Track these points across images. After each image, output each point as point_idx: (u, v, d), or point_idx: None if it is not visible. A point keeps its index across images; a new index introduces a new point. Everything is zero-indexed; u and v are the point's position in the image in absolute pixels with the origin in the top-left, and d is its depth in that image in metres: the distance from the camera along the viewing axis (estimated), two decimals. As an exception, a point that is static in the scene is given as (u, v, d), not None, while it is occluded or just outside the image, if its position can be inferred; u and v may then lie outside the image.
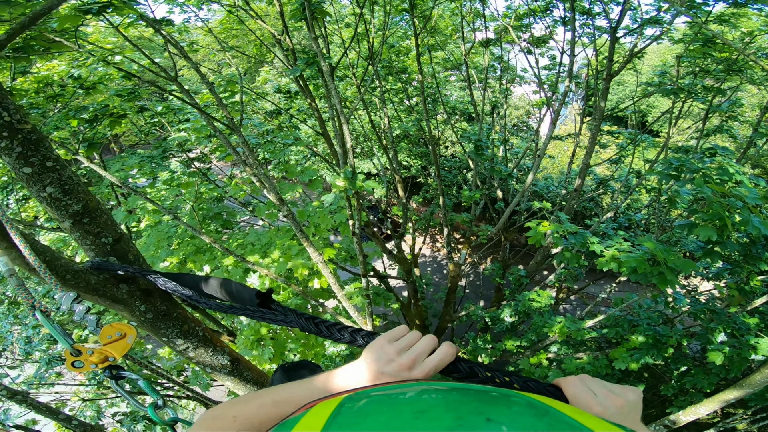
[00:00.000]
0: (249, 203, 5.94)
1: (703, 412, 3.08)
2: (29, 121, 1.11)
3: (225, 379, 1.65)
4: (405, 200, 6.49)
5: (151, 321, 1.36)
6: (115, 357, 0.98)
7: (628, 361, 4.03)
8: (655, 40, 4.80)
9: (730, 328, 3.76)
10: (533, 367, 4.90)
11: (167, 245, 4.28)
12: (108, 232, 1.26)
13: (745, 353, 3.30)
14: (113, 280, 1.24)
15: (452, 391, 0.53)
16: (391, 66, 6.40)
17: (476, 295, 11.55)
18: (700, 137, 5.33)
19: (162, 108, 4.15)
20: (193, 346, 1.49)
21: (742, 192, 2.83)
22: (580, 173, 5.71)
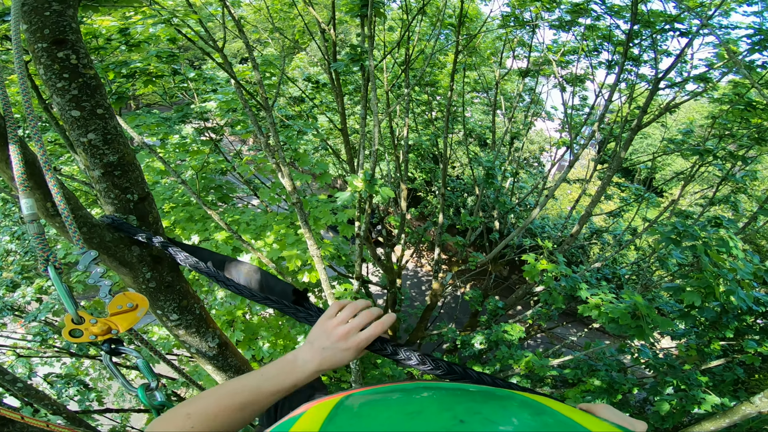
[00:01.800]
0: (250, 182, 5.85)
1: None
2: (94, 67, 1.06)
3: (207, 363, 1.58)
4: (404, 212, 6.45)
5: (152, 290, 1.29)
6: (119, 329, 0.91)
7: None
8: (695, 96, 4.64)
9: (682, 383, 3.91)
10: None
11: (160, 207, 4.18)
12: (135, 189, 1.19)
13: (688, 406, 3.48)
14: (127, 241, 1.17)
15: (448, 391, 0.53)
16: (422, 77, 6.40)
17: (450, 317, 11.57)
18: (707, 205, 5.33)
19: (194, 75, 4.10)
20: (186, 323, 1.42)
21: (738, 265, 2.90)
22: (581, 220, 5.70)
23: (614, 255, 6.95)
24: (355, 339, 0.81)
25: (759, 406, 2.24)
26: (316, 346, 0.82)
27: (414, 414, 0.45)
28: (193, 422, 0.70)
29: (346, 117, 4.78)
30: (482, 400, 0.49)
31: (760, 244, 9.33)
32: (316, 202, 4.51)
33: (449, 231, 13.87)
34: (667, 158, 14.87)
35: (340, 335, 0.82)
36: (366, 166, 3.93)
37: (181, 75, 3.81)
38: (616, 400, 4.02)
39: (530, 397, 0.52)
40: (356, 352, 0.81)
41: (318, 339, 0.83)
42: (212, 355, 1.56)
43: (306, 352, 0.82)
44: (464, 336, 5.53)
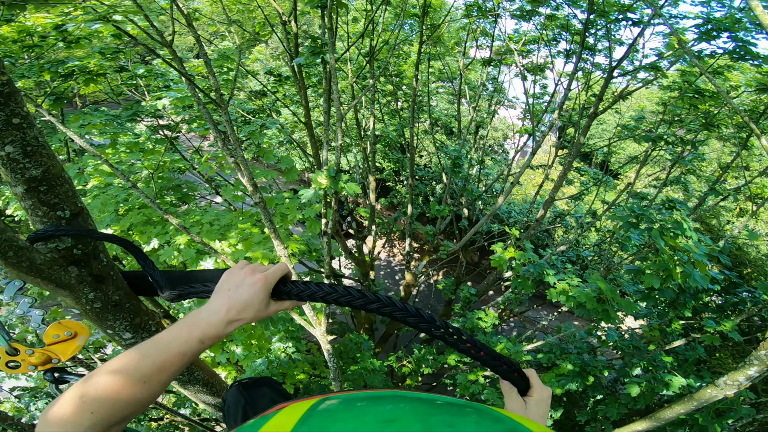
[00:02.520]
0: (212, 180, 5.64)
1: None
2: (6, 72, 0.94)
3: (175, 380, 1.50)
4: (374, 203, 6.41)
5: (98, 311, 1.19)
6: (60, 359, 0.84)
7: (555, 386, 4.21)
8: (646, 84, 4.88)
9: (649, 365, 4.07)
10: (470, 383, 5.00)
11: (114, 210, 3.96)
12: (66, 205, 1.07)
13: (657, 388, 3.59)
14: (62, 262, 1.07)
15: (423, 402, 0.53)
16: (386, 68, 6.33)
17: (425, 306, 11.68)
18: (660, 187, 5.59)
19: (144, 71, 3.85)
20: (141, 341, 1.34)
21: (692, 248, 3.03)
22: (545, 205, 5.84)
23: (577, 238, 7.17)
24: (262, 272, 0.76)
25: (724, 389, 2.33)
26: (223, 289, 0.76)
27: (388, 422, 0.45)
28: (90, 406, 0.61)
29: (310, 110, 4.67)
30: (458, 413, 0.49)
31: (710, 223, 9.84)
32: (283, 199, 4.40)
33: (419, 220, 13.96)
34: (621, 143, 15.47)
35: (246, 271, 0.77)
36: (331, 160, 3.87)
37: (129, 72, 3.60)
38: (589, 383, 4.14)
39: (503, 413, 0.52)
40: (265, 287, 0.74)
41: (224, 283, 0.77)
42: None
43: (212, 301, 0.75)
44: (440, 325, 5.60)
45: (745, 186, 4.79)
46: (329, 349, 3.18)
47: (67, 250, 1.07)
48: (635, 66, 4.72)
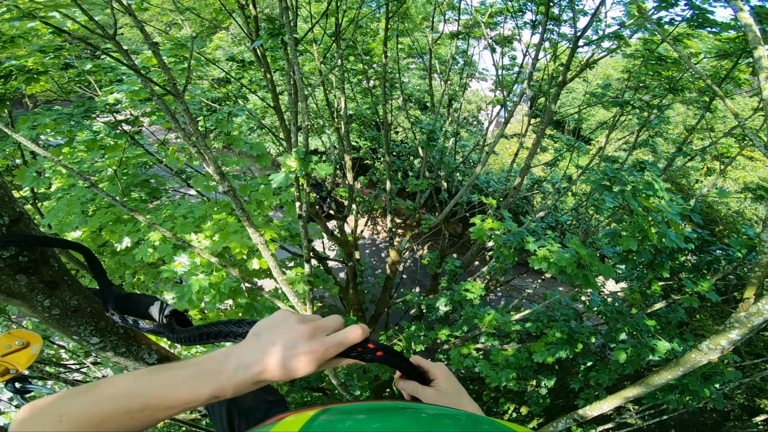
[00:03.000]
0: (182, 171, 5.48)
1: (606, 408, 3.36)
2: None
3: None
4: (352, 183, 6.35)
5: (57, 318, 1.13)
6: (18, 369, 0.79)
7: (546, 354, 4.31)
8: (610, 53, 4.98)
9: (633, 329, 4.17)
10: (462, 357, 5.09)
11: (81, 211, 3.80)
12: (4, 211, 1.00)
13: (644, 353, 3.67)
14: (9, 271, 1.00)
15: (430, 415, 0.52)
16: (354, 46, 6.18)
17: (413, 281, 11.78)
18: (630, 150, 5.72)
19: (91, 66, 3.64)
20: (111, 345, 1.28)
21: (665, 208, 3.09)
22: (521, 172, 5.92)
23: (555, 203, 7.30)
24: (323, 340, 0.60)
25: (707, 354, 2.36)
26: (264, 339, 0.60)
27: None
28: (67, 426, 0.53)
29: (278, 94, 4.53)
30: (460, 425, 0.48)
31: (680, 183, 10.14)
32: (257, 185, 4.31)
33: (400, 195, 13.94)
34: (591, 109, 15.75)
35: (304, 331, 0.60)
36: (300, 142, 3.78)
37: (76, 68, 3.40)
38: (578, 350, 4.24)
39: (508, 426, 0.50)
40: (320, 359, 0.59)
41: (269, 331, 0.61)
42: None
43: (247, 349, 0.59)
44: (428, 300, 5.64)
45: (711, 146, 4.92)
46: (316, 333, 3.15)
47: (12, 258, 1.00)
48: (599, 35, 4.82)
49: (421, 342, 5.48)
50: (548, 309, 5.36)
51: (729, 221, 9.52)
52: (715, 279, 3.92)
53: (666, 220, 2.93)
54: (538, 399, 5.64)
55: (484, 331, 4.89)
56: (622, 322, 4.32)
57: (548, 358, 4.34)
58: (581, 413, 3.67)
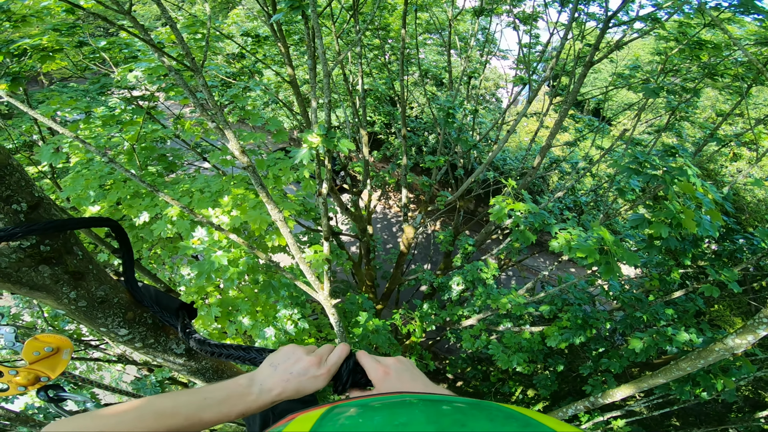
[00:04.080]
0: (198, 145, 5.42)
1: (619, 396, 3.31)
2: None
3: (179, 368, 1.44)
4: (367, 157, 6.26)
5: (84, 310, 1.09)
6: (49, 376, 0.75)
7: (559, 339, 4.25)
8: (643, 34, 4.75)
9: (650, 317, 4.07)
10: (473, 338, 5.08)
11: (99, 186, 3.80)
12: (21, 196, 0.95)
13: (661, 343, 3.58)
14: (30, 262, 0.95)
15: (437, 404, 0.53)
16: (371, 21, 5.98)
17: (425, 258, 11.77)
18: (658, 132, 5.51)
19: (106, 43, 3.60)
20: (140, 336, 1.25)
21: (706, 194, 2.95)
22: (541, 151, 5.77)
23: (573, 184, 7.15)
24: (327, 364, 0.77)
25: (732, 347, 2.30)
26: (281, 370, 0.74)
27: (400, 426, 0.45)
28: None
29: (294, 68, 4.41)
30: (470, 413, 0.49)
31: (708, 168, 9.84)
32: (275, 160, 4.26)
33: (413, 170, 13.82)
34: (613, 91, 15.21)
35: (312, 361, 0.76)
36: (321, 117, 3.67)
37: (90, 46, 3.34)
38: (591, 335, 4.16)
39: (515, 409, 0.51)
40: (327, 378, 0.76)
41: (284, 362, 0.76)
42: (182, 362, 1.42)
43: (266, 376, 0.74)
44: (441, 279, 5.60)
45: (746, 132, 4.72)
46: (334, 312, 3.14)
47: (33, 248, 0.96)
48: (631, 16, 4.58)
49: (433, 321, 5.48)
50: (562, 292, 5.28)
51: (756, 210, 9.24)
52: (738, 269, 3.80)
53: (701, 207, 2.76)
54: (546, 383, 5.65)
55: (498, 312, 4.84)
56: (641, 309, 4.22)
57: (561, 343, 4.28)
58: (592, 400, 3.64)
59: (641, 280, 5.00)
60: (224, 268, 3.05)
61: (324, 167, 2.72)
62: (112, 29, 7.69)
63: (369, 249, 7.09)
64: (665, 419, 7.44)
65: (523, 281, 10.68)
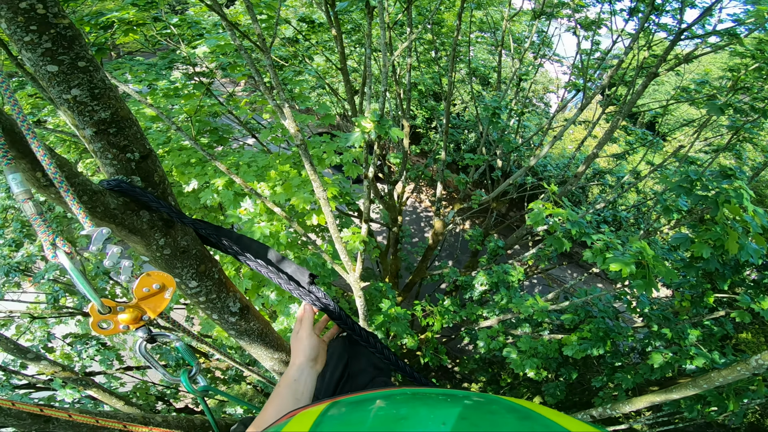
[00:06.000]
0: (247, 123, 5.61)
1: (628, 410, 3.27)
2: (67, 16, 0.90)
3: (229, 328, 1.55)
4: (407, 149, 6.31)
5: (167, 258, 1.21)
6: (150, 315, 0.84)
7: (576, 349, 4.21)
8: (717, 49, 4.53)
9: (675, 336, 3.97)
10: (490, 339, 5.06)
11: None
12: (136, 147, 1.06)
13: (681, 361, 3.52)
14: (134, 206, 1.06)
15: (437, 398, 0.54)
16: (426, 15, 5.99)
17: (451, 255, 11.75)
18: (718, 152, 5.31)
19: (177, 20, 3.81)
20: (206, 290, 1.36)
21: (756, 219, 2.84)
22: (587, 160, 5.66)
23: (616, 197, 6.96)
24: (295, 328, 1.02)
25: (754, 368, 2.26)
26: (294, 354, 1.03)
27: (401, 419, 0.46)
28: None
29: (345, 56, 4.50)
30: (470, 405, 0.49)
31: (763, 194, 9.39)
32: (319, 142, 4.38)
33: (449, 167, 13.74)
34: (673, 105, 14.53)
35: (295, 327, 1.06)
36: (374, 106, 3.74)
37: (163, 21, 3.54)
38: (608, 348, 4.11)
39: (516, 402, 0.52)
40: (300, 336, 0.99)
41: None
42: (234, 320, 1.53)
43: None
44: (465, 277, 5.61)
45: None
46: (361, 295, 3.23)
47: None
48: (706, 30, 4.39)
49: (452, 318, 5.48)
50: (587, 304, 5.19)
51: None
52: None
53: (748, 232, 2.69)
54: (555, 391, 5.58)
55: (518, 316, 4.81)
56: (666, 327, 4.13)
57: (578, 353, 4.24)
58: (600, 411, 3.58)
59: (671, 301, 4.86)
60: (266, 239, 3.18)
61: (373, 153, 2.79)
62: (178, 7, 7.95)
63: (397, 239, 7.15)
64: None
65: (548, 290, 10.51)
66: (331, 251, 4.28)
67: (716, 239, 2.69)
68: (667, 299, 5.40)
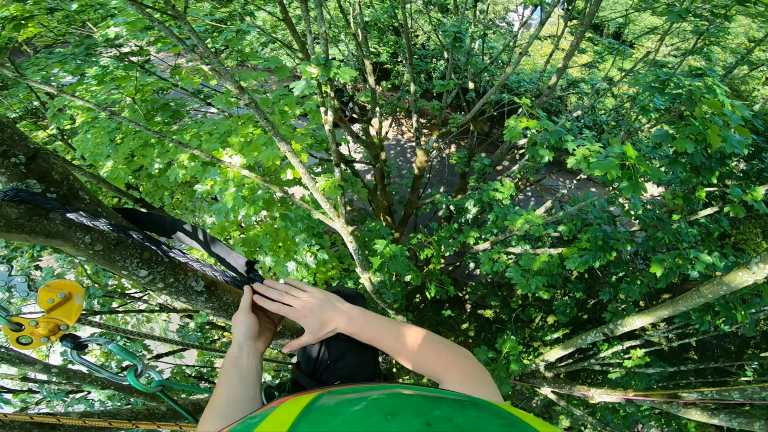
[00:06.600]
0: (200, 92, 5.36)
1: (638, 324, 3.34)
2: None
3: (203, 306, 1.52)
4: (374, 86, 6.08)
5: (102, 254, 1.14)
6: (68, 324, 0.81)
7: (578, 261, 4.15)
8: None
9: (673, 238, 3.95)
10: (492, 262, 5.10)
11: (109, 140, 3.88)
12: (17, 149, 0.97)
13: (683, 267, 3.47)
14: (40, 210, 0.99)
15: (423, 397, 0.54)
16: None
17: (440, 181, 11.78)
18: (686, 54, 5.13)
19: (77, 6, 3.52)
20: (160, 276, 1.31)
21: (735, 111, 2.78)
22: (557, 72, 5.53)
23: (593, 104, 6.88)
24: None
25: (755, 273, 2.17)
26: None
27: (388, 416, 0.46)
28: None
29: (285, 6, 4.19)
30: (459, 408, 0.49)
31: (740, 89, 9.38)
32: (279, 96, 4.20)
33: (424, 96, 13.47)
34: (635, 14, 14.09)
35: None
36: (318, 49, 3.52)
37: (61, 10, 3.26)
38: (611, 258, 4.05)
39: (504, 408, 0.52)
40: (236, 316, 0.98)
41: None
42: (204, 299, 1.50)
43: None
44: (457, 201, 5.56)
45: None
46: (352, 240, 3.21)
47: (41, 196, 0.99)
48: None
49: (450, 245, 5.50)
50: (581, 212, 5.18)
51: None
52: (764, 188, 3.65)
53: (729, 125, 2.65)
54: (565, 309, 5.67)
55: (515, 233, 4.81)
56: (663, 230, 4.11)
57: (580, 267, 4.15)
58: (611, 328, 3.67)
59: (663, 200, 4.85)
60: (240, 203, 3.14)
61: (328, 97, 2.66)
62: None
63: (383, 175, 7.08)
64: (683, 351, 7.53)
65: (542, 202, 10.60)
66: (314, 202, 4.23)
67: (697, 133, 2.65)
68: (660, 197, 5.41)
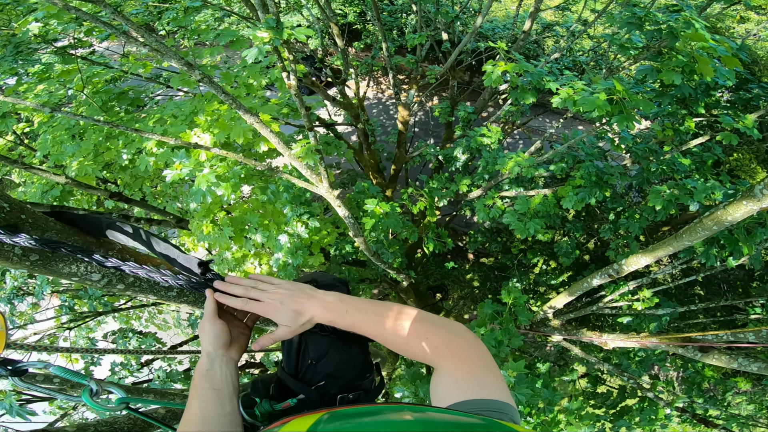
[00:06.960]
0: (158, 76, 5.10)
1: (643, 263, 3.28)
2: None
3: (176, 302, 1.40)
4: (343, 47, 5.79)
5: (41, 263, 1.03)
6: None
7: (574, 199, 4.07)
8: None
9: (667, 169, 3.89)
10: (488, 208, 5.00)
11: (71, 137, 3.70)
12: None
13: (682, 198, 3.40)
14: (-47, 228, 0.87)
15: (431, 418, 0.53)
16: None
17: (426, 133, 11.66)
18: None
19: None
20: (116, 278, 1.21)
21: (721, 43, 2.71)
22: (530, 15, 5.34)
23: (570, 45, 6.76)
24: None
25: (761, 201, 2.04)
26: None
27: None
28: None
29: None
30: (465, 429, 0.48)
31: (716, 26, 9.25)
32: (242, 69, 4.00)
33: (399, 53, 13.06)
34: None
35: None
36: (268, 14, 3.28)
37: None
38: (607, 193, 3.96)
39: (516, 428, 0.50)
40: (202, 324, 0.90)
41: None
42: (175, 294, 1.39)
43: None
44: (445, 151, 5.42)
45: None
46: (340, 204, 3.11)
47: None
48: None
49: (443, 196, 5.37)
50: (571, 149, 5.05)
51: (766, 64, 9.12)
52: (756, 115, 3.53)
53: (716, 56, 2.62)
54: (567, 249, 5.61)
55: (507, 177, 4.68)
56: (656, 161, 3.99)
57: (577, 205, 4.07)
58: (616, 268, 3.61)
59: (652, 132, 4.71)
60: (215, 184, 3.00)
61: (287, 60, 2.48)
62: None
63: (367, 134, 6.92)
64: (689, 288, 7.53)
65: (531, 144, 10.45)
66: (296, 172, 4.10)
67: (683, 65, 2.61)
68: (648, 130, 5.28)
